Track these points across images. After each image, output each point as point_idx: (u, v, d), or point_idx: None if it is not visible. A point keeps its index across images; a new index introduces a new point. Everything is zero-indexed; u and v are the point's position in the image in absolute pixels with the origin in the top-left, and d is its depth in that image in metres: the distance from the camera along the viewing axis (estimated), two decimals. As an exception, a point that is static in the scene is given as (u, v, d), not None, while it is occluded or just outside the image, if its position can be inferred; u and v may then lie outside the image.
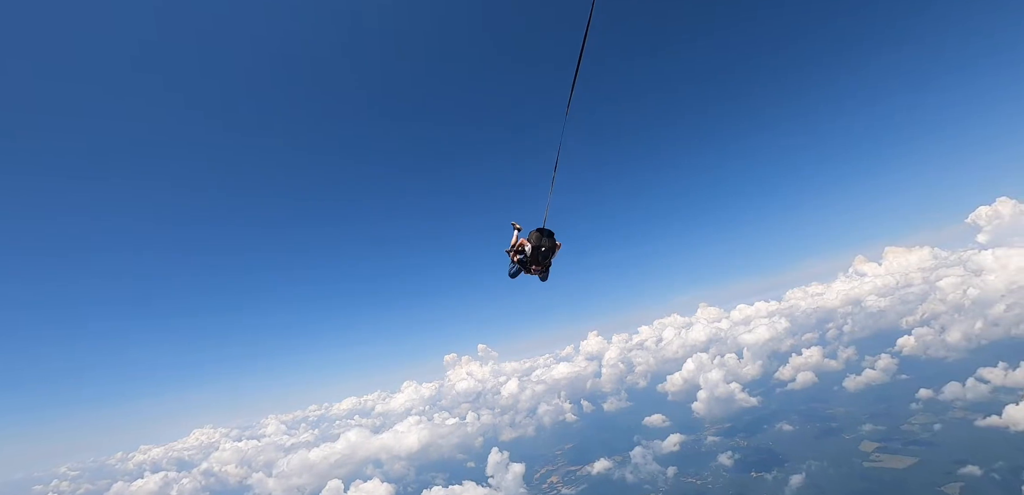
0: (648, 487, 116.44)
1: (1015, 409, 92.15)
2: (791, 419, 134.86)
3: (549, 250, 16.66)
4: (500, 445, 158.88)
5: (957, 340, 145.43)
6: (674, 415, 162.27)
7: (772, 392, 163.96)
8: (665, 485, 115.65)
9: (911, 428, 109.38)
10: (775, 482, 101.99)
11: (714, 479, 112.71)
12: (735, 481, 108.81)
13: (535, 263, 16.53)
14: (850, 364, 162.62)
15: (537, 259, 16.43)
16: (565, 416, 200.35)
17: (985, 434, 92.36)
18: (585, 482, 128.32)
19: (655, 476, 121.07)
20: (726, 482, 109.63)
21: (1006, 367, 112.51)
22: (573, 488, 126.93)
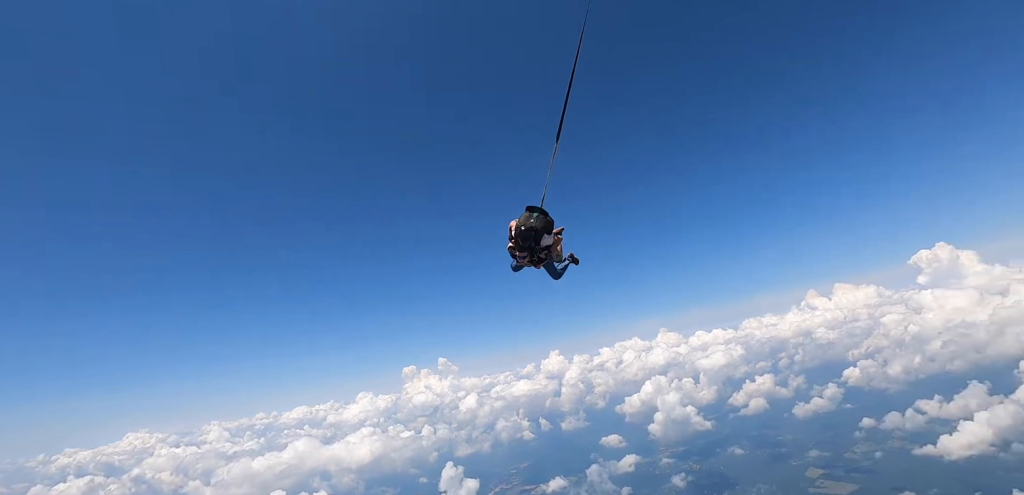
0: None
1: (949, 439, 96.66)
2: (743, 444, 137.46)
3: (538, 233, 13.97)
4: (455, 460, 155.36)
5: (898, 373, 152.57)
6: (631, 436, 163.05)
7: (726, 417, 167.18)
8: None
9: (854, 456, 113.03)
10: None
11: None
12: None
13: (525, 254, 14.19)
14: (800, 392, 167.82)
15: (524, 247, 13.97)
16: (523, 434, 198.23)
17: (921, 462, 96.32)
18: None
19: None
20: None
21: (941, 400, 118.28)
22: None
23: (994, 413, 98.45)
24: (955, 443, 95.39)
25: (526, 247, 14.04)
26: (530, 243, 13.94)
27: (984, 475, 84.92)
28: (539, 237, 14.01)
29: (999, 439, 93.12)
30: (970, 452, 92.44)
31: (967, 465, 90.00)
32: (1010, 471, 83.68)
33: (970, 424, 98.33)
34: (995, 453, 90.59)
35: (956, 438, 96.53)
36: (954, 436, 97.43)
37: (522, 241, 13.88)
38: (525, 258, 14.30)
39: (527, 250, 14.07)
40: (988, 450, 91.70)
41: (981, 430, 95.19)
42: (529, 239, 13.88)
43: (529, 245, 13.97)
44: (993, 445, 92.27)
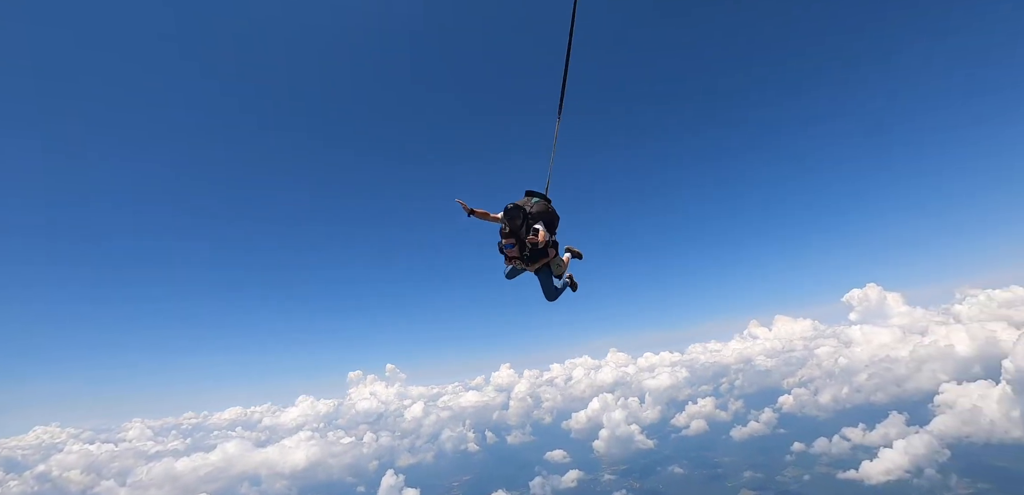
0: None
1: (869, 465, 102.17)
2: (682, 463, 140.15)
3: (531, 216, 12.29)
4: (396, 469, 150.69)
5: (827, 402, 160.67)
6: (575, 452, 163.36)
7: (668, 437, 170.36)
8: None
9: (784, 479, 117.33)
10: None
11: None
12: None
13: (514, 244, 12.30)
14: (738, 416, 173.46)
15: (511, 231, 12.22)
16: (467, 445, 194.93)
17: (845, 486, 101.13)
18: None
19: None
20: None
21: (864, 428, 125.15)
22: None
23: (910, 442, 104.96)
24: (875, 469, 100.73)
25: (513, 231, 12.14)
26: (517, 224, 12.06)
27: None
28: (529, 221, 12.22)
29: (913, 466, 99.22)
30: (888, 477, 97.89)
31: (884, 489, 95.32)
32: (923, 493, 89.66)
33: (889, 451, 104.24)
34: (910, 479, 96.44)
35: (876, 464, 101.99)
36: (874, 462, 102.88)
37: (508, 220, 12.08)
38: (514, 251, 12.30)
39: (514, 236, 12.14)
40: (904, 476, 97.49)
41: (898, 457, 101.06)
42: (516, 218, 12.05)
43: (516, 226, 12.09)
44: (908, 471, 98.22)
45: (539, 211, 12.46)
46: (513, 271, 13.38)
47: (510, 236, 12.19)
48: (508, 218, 12.10)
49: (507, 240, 12.24)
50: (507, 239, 12.23)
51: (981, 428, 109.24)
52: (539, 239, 12.12)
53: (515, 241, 12.18)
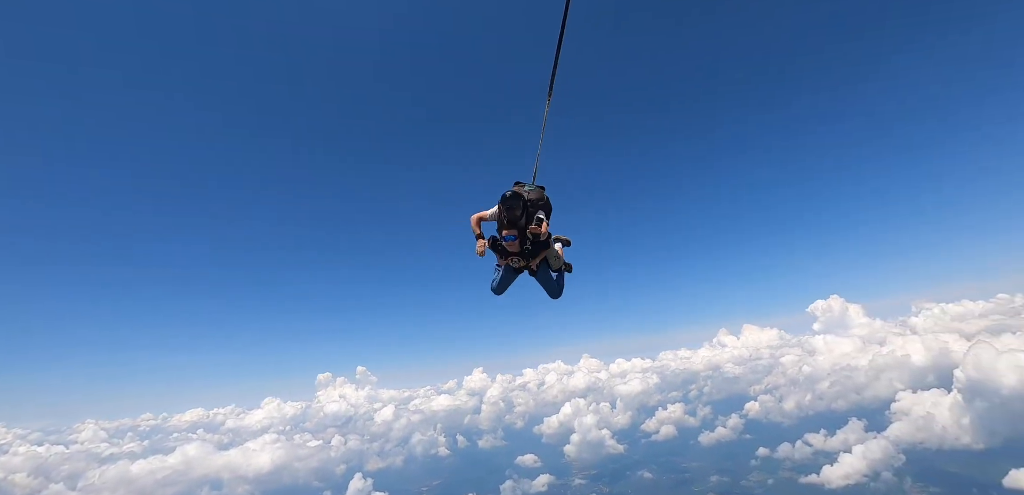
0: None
1: (830, 469, 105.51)
2: (651, 468, 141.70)
3: (531, 203, 11.57)
4: (365, 473, 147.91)
5: (791, 408, 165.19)
6: (546, 456, 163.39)
7: (638, 442, 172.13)
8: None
9: (748, 484, 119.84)
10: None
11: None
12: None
13: (515, 237, 11.46)
14: (706, 422, 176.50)
15: (510, 222, 11.43)
16: (438, 449, 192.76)
17: (806, 490, 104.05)
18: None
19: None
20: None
21: (825, 434, 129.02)
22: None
23: (868, 447, 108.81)
24: (835, 473, 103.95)
25: (513, 223, 11.26)
26: (516, 214, 11.24)
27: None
28: (529, 209, 11.41)
29: (871, 471, 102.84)
30: (847, 481, 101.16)
31: (843, 493, 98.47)
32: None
33: (848, 456, 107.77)
34: (867, 483, 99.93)
35: (836, 468, 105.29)
36: (834, 467, 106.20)
37: (507, 210, 11.17)
38: (514, 246, 11.41)
39: (514, 227, 11.27)
40: (861, 480, 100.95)
41: (857, 462, 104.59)
42: (516, 208, 11.18)
43: (516, 217, 11.25)
44: (866, 476, 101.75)
45: (536, 198, 11.72)
46: (504, 280, 12.16)
47: (510, 227, 11.30)
48: (507, 208, 11.21)
49: (507, 232, 11.30)
50: (507, 231, 11.31)
51: (934, 434, 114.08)
52: (542, 230, 11.22)
53: (516, 233, 11.36)
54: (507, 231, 11.45)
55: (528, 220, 11.45)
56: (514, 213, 11.36)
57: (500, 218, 11.56)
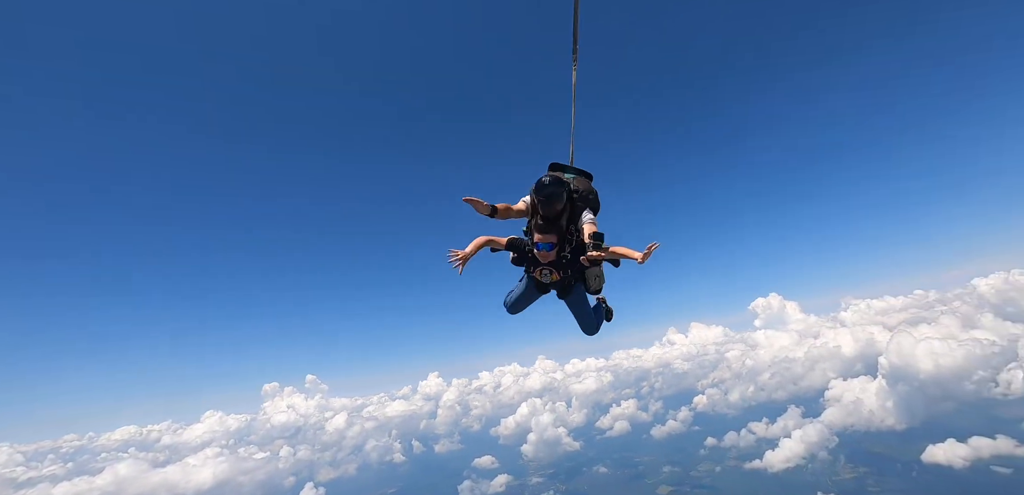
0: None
1: (771, 454, 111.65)
2: (607, 463, 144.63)
3: (581, 196, 8.30)
4: (316, 484, 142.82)
5: (736, 400, 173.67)
6: (503, 457, 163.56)
7: (593, 438, 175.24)
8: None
9: (698, 473, 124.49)
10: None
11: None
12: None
13: (553, 238, 7.98)
14: (657, 416, 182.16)
15: (548, 215, 7.98)
16: (393, 456, 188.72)
17: (751, 475, 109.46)
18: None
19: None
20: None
21: (767, 422, 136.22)
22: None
23: (805, 431, 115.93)
24: (776, 457, 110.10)
25: (551, 219, 7.91)
26: (558, 209, 7.91)
27: (796, 482, 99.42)
28: (577, 203, 8.21)
29: (808, 453, 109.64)
30: (787, 464, 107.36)
31: (784, 475, 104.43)
32: (816, 476, 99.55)
33: (788, 441, 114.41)
34: (805, 464, 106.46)
35: (777, 453, 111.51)
36: (776, 451, 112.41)
37: (545, 203, 7.79)
38: (552, 253, 8.00)
39: (552, 229, 7.89)
40: (800, 462, 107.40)
41: (796, 446, 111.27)
42: (558, 199, 7.82)
43: (557, 213, 7.93)
44: (803, 458, 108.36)
45: (584, 191, 8.39)
46: (525, 296, 8.86)
47: (547, 228, 7.88)
48: (545, 198, 7.80)
49: (543, 237, 7.89)
50: (543, 236, 7.89)
51: (862, 418, 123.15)
52: (595, 254, 7.73)
53: (555, 237, 7.93)
54: (542, 236, 7.93)
55: (570, 219, 8.14)
56: (554, 207, 7.90)
57: (532, 215, 8.23)
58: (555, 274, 8.39)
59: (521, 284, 8.96)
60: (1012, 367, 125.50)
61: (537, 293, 8.89)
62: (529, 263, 8.45)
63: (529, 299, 8.98)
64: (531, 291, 8.87)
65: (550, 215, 8.00)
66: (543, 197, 7.87)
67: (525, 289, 8.87)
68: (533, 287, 8.79)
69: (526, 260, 8.44)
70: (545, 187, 7.86)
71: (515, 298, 9.01)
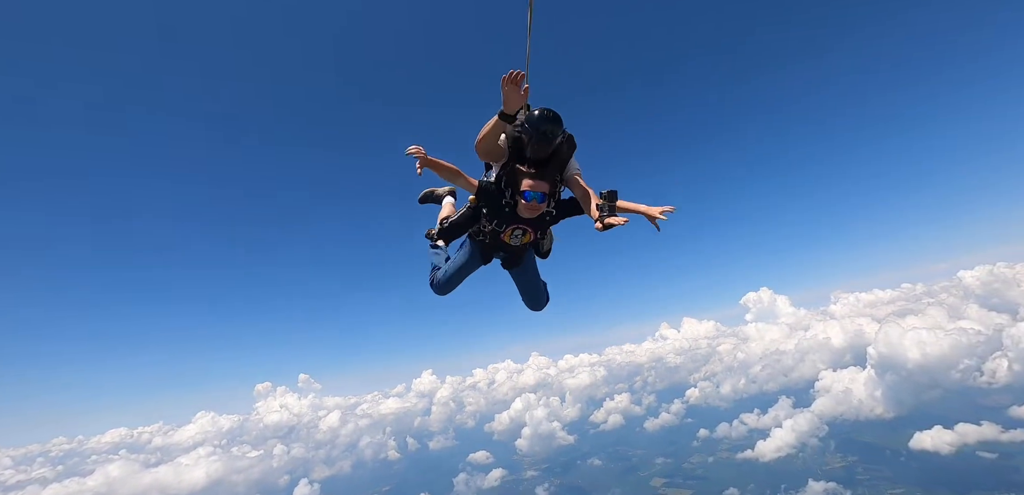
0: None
1: (763, 444, 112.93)
2: (600, 456, 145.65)
3: (566, 141, 6.45)
4: (311, 480, 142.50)
5: (727, 392, 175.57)
6: (498, 452, 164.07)
7: (587, 432, 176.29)
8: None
9: (691, 465, 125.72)
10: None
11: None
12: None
13: (544, 185, 6.35)
14: (650, 409, 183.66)
15: (540, 149, 6.30)
16: (388, 453, 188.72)
17: (743, 465, 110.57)
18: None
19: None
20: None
21: (758, 413, 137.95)
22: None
23: (796, 421, 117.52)
24: (767, 447, 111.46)
25: (545, 156, 6.35)
26: (551, 148, 6.31)
27: (787, 471, 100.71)
28: (562, 147, 6.46)
29: (798, 443, 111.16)
30: (778, 454, 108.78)
31: (775, 464, 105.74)
32: (806, 465, 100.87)
33: (779, 431, 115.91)
34: (796, 453, 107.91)
35: (768, 443, 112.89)
36: (767, 441, 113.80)
37: (540, 141, 6.19)
38: (537, 209, 6.42)
39: (547, 169, 6.37)
40: (791, 451, 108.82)
41: (786, 435, 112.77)
42: (555, 135, 6.23)
43: (548, 153, 6.36)
44: (793, 447, 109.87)
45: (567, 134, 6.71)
46: (462, 269, 7.10)
47: (541, 174, 6.36)
48: (543, 135, 6.20)
49: (534, 185, 6.33)
50: (535, 183, 6.33)
51: (851, 407, 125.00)
52: (605, 199, 6.04)
53: (548, 185, 6.40)
54: (533, 183, 6.36)
55: (560, 167, 6.56)
56: (550, 148, 6.39)
57: (511, 158, 6.54)
58: (529, 234, 6.81)
59: (462, 254, 7.14)
60: (997, 356, 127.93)
61: (479, 263, 7.14)
62: (497, 219, 6.66)
63: (469, 271, 7.21)
64: (473, 261, 7.12)
65: (543, 157, 6.42)
66: (540, 133, 6.22)
67: (467, 259, 7.10)
68: (477, 255, 7.07)
69: (496, 214, 6.62)
70: (545, 120, 6.19)
71: (452, 272, 7.15)
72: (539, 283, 7.54)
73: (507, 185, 6.53)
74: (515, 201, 6.50)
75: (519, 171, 6.42)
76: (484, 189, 6.54)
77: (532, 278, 7.46)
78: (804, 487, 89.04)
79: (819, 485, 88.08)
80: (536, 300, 7.57)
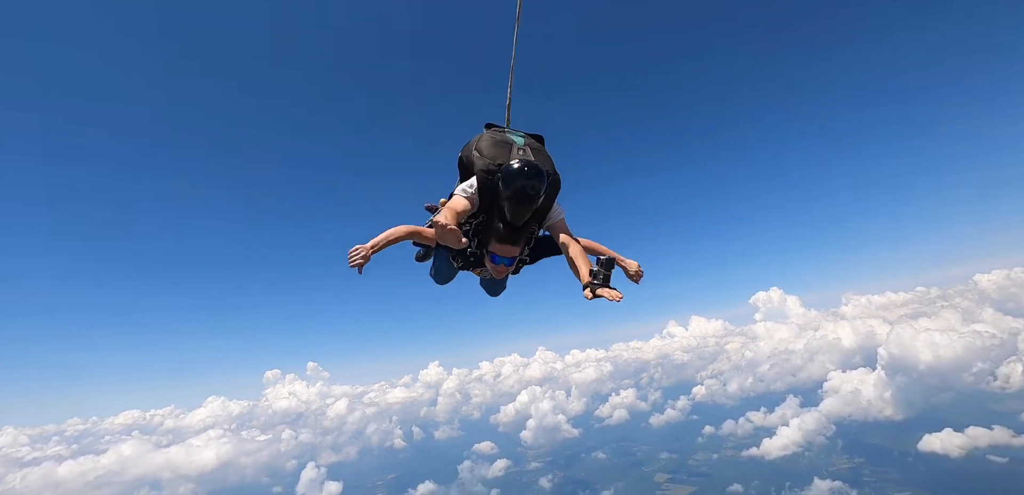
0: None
1: (768, 442, 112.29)
2: (605, 450, 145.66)
3: (550, 185, 5.85)
4: (317, 464, 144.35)
5: (734, 390, 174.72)
6: (503, 443, 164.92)
7: (592, 426, 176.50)
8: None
9: (695, 461, 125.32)
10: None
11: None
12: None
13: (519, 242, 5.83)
14: (656, 405, 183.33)
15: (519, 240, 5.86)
16: (393, 442, 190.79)
17: (747, 462, 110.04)
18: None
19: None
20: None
21: (765, 411, 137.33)
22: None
23: (803, 420, 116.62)
24: (773, 445, 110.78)
25: (522, 220, 5.80)
26: (531, 209, 5.79)
27: (793, 470, 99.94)
28: (549, 196, 5.85)
29: (805, 441, 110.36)
30: (784, 452, 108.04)
31: (781, 462, 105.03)
32: (812, 464, 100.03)
33: (785, 429, 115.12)
34: (801, 452, 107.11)
35: (774, 441, 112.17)
36: (773, 440, 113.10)
37: (519, 198, 5.75)
38: (511, 264, 5.87)
39: (520, 233, 5.83)
40: (797, 450, 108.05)
41: (793, 434, 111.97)
42: (535, 196, 5.76)
43: (528, 215, 5.80)
44: (800, 446, 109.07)
45: (552, 173, 5.90)
46: (447, 266, 6.56)
47: (512, 237, 5.84)
48: (521, 195, 5.79)
49: (503, 250, 5.85)
50: (503, 247, 5.85)
51: (860, 408, 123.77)
52: (601, 269, 5.89)
53: (518, 250, 5.86)
54: (502, 247, 5.85)
55: (540, 218, 5.83)
56: (530, 209, 5.81)
57: (480, 213, 5.89)
58: (501, 272, 6.06)
59: (441, 260, 6.61)
60: (1012, 360, 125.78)
61: (456, 271, 6.61)
62: (462, 263, 6.08)
63: (452, 274, 6.75)
64: (451, 269, 6.58)
65: (520, 221, 5.72)
66: (516, 193, 5.59)
67: (445, 266, 6.59)
68: (452, 267, 6.50)
69: (461, 258, 6.00)
70: (525, 176, 5.57)
71: (438, 274, 6.81)
72: (499, 283, 6.91)
73: (474, 234, 5.84)
74: (481, 252, 5.86)
75: (490, 230, 5.78)
76: (444, 241, 5.93)
77: (493, 280, 6.83)
78: (809, 486, 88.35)
79: (825, 484, 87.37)
80: (493, 291, 7.08)
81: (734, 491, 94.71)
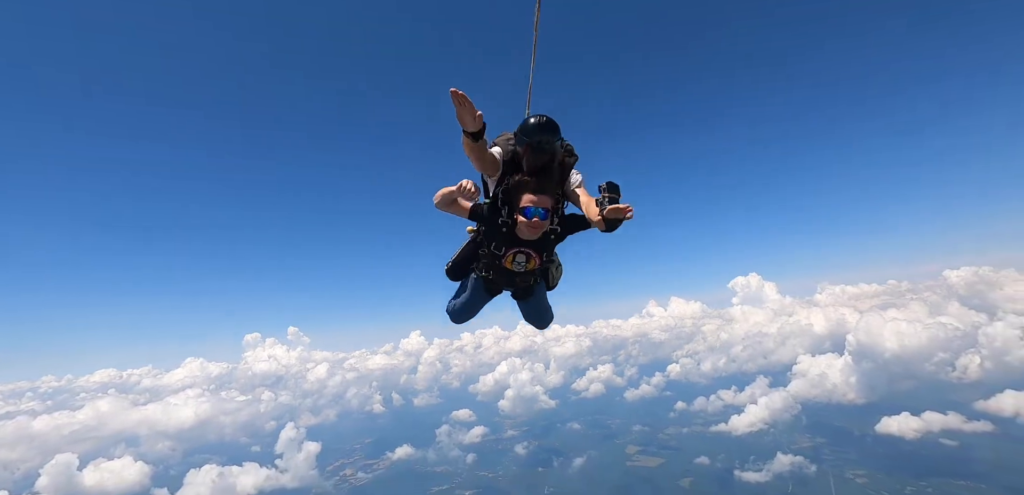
0: (448, 469, 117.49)
1: (736, 418, 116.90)
2: (580, 422, 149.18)
3: (564, 155, 6.29)
4: (297, 425, 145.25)
5: (708, 370, 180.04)
6: (481, 412, 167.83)
7: (568, 399, 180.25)
8: (464, 468, 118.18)
9: (666, 435, 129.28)
10: (559, 467, 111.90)
11: (507, 466, 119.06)
12: (525, 472, 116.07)
13: (547, 200, 5.86)
14: (631, 381, 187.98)
15: (538, 162, 5.91)
16: (373, 406, 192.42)
17: (715, 437, 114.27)
18: (385, 466, 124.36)
19: (456, 461, 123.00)
20: (518, 468, 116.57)
21: (736, 390, 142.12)
22: (371, 473, 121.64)
23: (771, 399, 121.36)
24: (741, 422, 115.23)
25: (542, 165, 5.90)
26: (549, 156, 5.89)
27: (758, 445, 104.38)
28: (564, 160, 6.24)
29: (771, 419, 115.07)
30: (750, 428, 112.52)
31: (747, 438, 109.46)
32: (776, 440, 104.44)
33: (753, 407, 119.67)
34: (767, 429, 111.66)
35: (742, 418, 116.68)
36: (741, 416, 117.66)
37: (536, 151, 5.81)
38: (539, 228, 5.90)
39: (547, 181, 5.89)
40: (763, 427, 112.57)
41: (760, 412, 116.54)
42: (552, 141, 5.81)
43: (544, 162, 5.90)
44: (766, 423, 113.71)
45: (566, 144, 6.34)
46: (473, 299, 6.88)
47: (541, 187, 5.88)
48: (538, 144, 5.82)
49: (535, 200, 5.84)
50: (536, 197, 5.84)
51: (825, 391, 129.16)
52: (606, 193, 5.74)
53: (550, 200, 5.92)
54: (534, 198, 5.85)
55: (561, 180, 6.23)
56: (548, 156, 5.93)
57: (506, 172, 6.18)
58: (534, 259, 6.25)
59: (468, 289, 6.84)
60: (971, 352, 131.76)
61: (484, 297, 6.90)
62: (495, 241, 6.17)
63: (476, 306, 7.00)
64: (478, 296, 6.86)
65: (540, 166, 5.90)
66: (536, 142, 5.78)
67: (471, 295, 6.84)
68: (482, 290, 6.78)
69: (494, 236, 6.13)
70: (539, 129, 5.75)
71: (459, 307, 6.98)
72: (545, 307, 7.25)
73: (504, 202, 6.04)
74: (514, 220, 6.00)
75: (519, 184, 5.91)
76: (476, 211, 6.03)
77: (536, 305, 7.15)
78: (772, 460, 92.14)
79: (787, 458, 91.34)
80: (540, 321, 7.33)
81: (701, 463, 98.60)
